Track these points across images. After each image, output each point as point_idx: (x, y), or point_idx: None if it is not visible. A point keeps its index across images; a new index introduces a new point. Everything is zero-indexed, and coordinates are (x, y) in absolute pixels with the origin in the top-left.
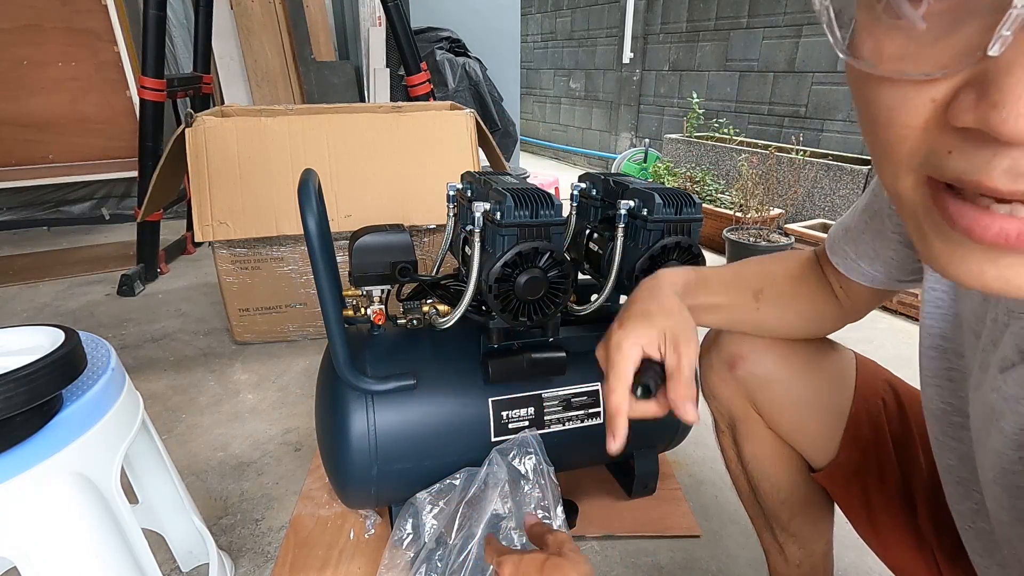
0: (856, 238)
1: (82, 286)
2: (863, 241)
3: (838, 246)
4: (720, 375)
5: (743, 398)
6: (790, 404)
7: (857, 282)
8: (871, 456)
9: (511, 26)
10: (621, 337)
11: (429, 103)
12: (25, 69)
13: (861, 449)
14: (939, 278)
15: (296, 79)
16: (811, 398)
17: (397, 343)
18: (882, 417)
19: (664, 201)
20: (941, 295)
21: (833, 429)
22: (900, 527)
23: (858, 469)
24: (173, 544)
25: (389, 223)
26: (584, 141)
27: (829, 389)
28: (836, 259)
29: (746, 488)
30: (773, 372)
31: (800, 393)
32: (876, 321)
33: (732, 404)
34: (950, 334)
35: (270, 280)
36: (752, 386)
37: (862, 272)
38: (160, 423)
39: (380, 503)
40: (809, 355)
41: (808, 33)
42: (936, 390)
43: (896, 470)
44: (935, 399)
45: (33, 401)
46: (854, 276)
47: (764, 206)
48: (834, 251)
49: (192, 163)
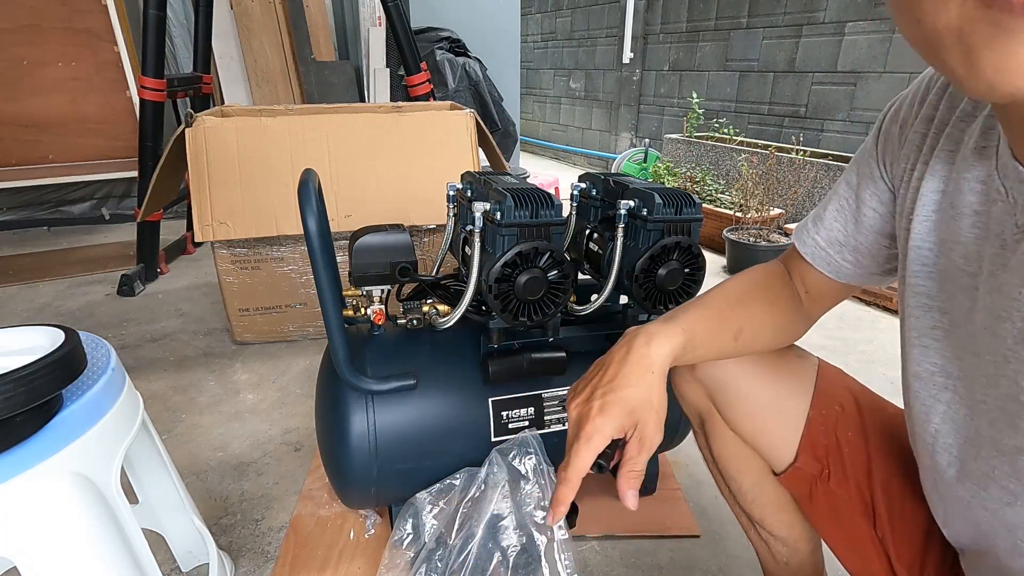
0: (829, 226)
1: (82, 286)
2: (835, 228)
3: (808, 236)
4: (684, 376)
5: (706, 398)
6: (748, 407)
7: (824, 275)
8: (826, 461)
9: (511, 26)
10: (595, 429)
11: (429, 103)
12: (25, 69)
13: (817, 455)
14: (925, 235)
15: (296, 79)
16: (768, 402)
17: (397, 343)
18: (839, 422)
19: (664, 201)
20: (927, 253)
21: (791, 433)
22: (859, 533)
23: (816, 475)
24: (173, 544)
25: (389, 223)
26: (584, 141)
27: (787, 394)
28: (805, 250)
29: (724, 487)
30: (730, 375)
31: (757, 396)
32: (877, 321)
33: (698, 403)
34: (935, 291)
35: (270, 280)
36: (711, 387)
37: (830, 262)
38: (160, 423)
39: (380, 503)
40: (769, 360)
41: (808, 33)
42: (921, 351)
43: (854, 477)
44: (921, 361)
45: (33, 401)
46: (822, 267)
47: (764, 206)
48: (803, 242)
49: (192, 163)
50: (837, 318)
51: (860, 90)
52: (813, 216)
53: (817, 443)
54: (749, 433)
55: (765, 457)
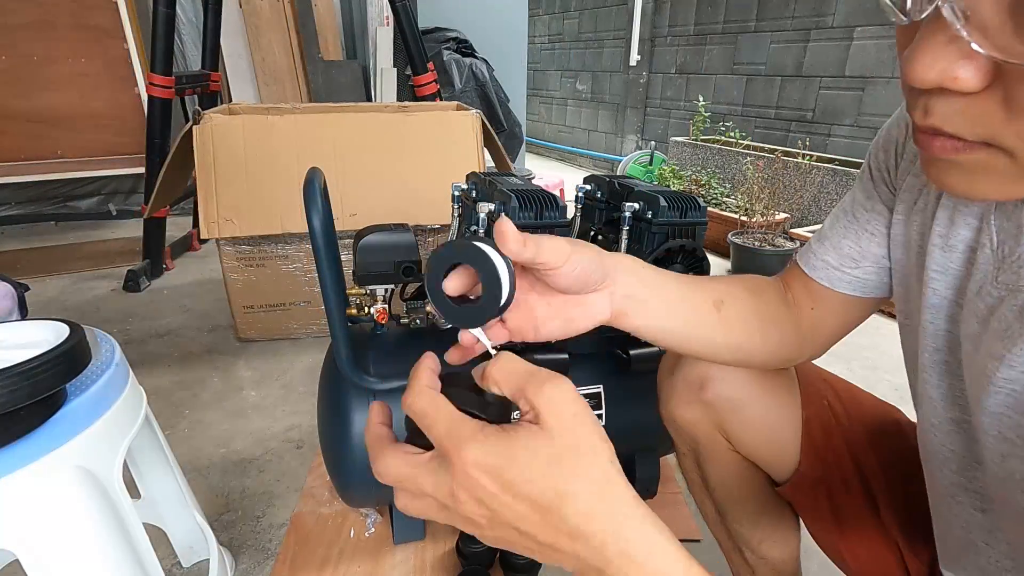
0: (837, 244)
1: (88, 281)
2: (844, 246)
3: (816, 260)
4: (685, 398)
5: (709, 422)
6: (759, 423)
7: (842, 292)
8: (828, 459)
9: (518, 27)
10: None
11: (435, 103)
12: (35, 65)
13: (819, 454)
14: (945, 241)
15: (303, 78)
16: (773, 413)
17: (400, 342)
18: (829, 416)
19: (669, 204)
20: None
21: (793, 439)
22: (867, 526)
23: (820, 475)
24: (174, 539)
25: (394, 222)
26: (590, 143)
27: (786, 400)
28: (817, 274)
29: (712, 512)
30: (742, 393)
31: (766, 410)
32: (880, 327)
33: (696, 428)
34: (953, 297)
35: (275, 278)
36: (722, 408)
37: (850, 279)
38: (163, 418)
39: (381, 502)
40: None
41: (816, 37)
42: (933, 353)
43: (852, 466)
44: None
45: (37, 395)
46: (840, 287)
47: (770, 210)
48: (813, 266)
49: (199, 160)
50: None
51: (868, 95)
52: (819, 239)
53: (815, 442)
54: (755, 449)
55: (769, 469)
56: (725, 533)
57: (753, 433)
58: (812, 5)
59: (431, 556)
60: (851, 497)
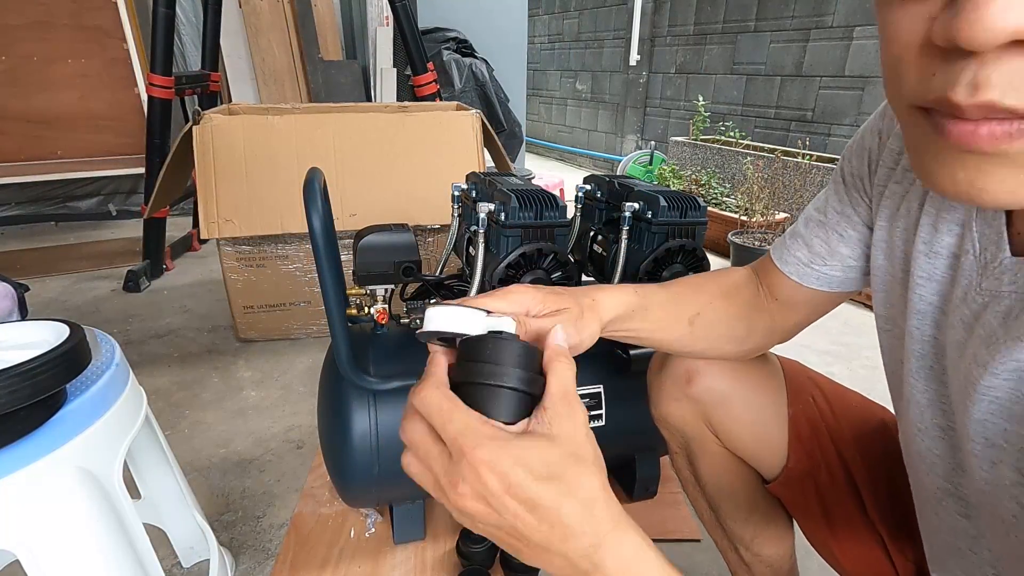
0: (808, 242)
1: (88, 281)
2: (815, 244)
3: (788, 255)
4: (673, 394)
5: (697, 416)
6: (746, 417)
7: (810, 287)
8: (815, 455)
9: (518, 27)
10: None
11: (435, 103)
12: (34, 65)
13: (806, 451)
14: (930, 248)
15: (303, 78)
16: (761, 408)
17: (400, 342)
18: (815, 412)
19: (669, 204)
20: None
21: (781, 435)
22: (855, 523)
23: (808, 471)
24: (174, 539)
25: (394, 222)
26: (590, 143)
27: (772, 396)
28: (788, 268)
29: (706, 511)
30: (728, 386)
31: (752, 405)
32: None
33: (685, 423)
34: (939, 303)
35: (275, 278)
36: (709, 402)
37: (818, 275)
38: (163, 419)
39: (381, 502)
40: (751, 365)
41: (816, 37)
42: (919, 361)
43: (838, 463)
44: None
45: (37, 395)
46: (809, 282)
47: (769, 210)
48: (785, 261)
49: (199, 160)
50: (841, 323)
51: (868, 95)
52: (792, 235)
53: (803, 438)
54: (743, 445)
55: (758, 466)
56: (720, 532)
57: (740, 427)
58: (812, 5)
59: (431, 556)
60: (839, 494)
